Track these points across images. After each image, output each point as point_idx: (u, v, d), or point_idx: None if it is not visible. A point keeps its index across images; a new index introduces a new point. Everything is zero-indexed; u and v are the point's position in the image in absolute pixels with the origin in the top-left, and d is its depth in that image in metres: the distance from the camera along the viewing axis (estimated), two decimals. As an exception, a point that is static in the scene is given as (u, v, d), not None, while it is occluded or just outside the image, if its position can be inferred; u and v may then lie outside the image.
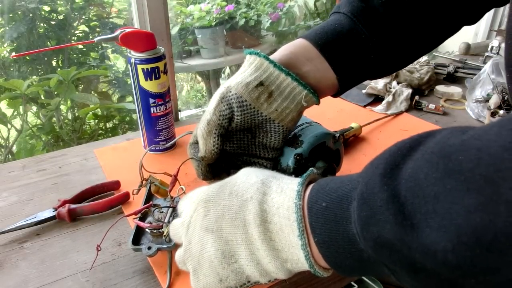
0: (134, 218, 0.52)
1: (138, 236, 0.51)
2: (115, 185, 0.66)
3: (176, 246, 0.45)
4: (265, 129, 0.49)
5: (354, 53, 0.48)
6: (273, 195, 0.36)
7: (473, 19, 0.53)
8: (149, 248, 0.48)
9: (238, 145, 0.50)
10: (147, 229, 0.50)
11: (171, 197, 0.54)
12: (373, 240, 0.29)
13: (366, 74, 0.51)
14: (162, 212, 0.52)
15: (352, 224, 0.31)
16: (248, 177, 0.38)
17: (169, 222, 0.50)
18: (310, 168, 0.38)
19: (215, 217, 0.37)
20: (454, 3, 0.49)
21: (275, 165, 0.54)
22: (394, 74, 1.01)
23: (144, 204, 0.54)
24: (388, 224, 0.27)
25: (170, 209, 0.52)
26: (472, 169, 0.24)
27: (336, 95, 0.52)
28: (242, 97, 0.45)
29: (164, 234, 0.49)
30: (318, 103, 0.49)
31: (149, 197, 0.56)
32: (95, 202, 0.60)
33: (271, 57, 0.47)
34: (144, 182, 0.56)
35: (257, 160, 0.51)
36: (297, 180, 0.36)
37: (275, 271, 0.36)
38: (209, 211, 0.38)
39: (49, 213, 0.59)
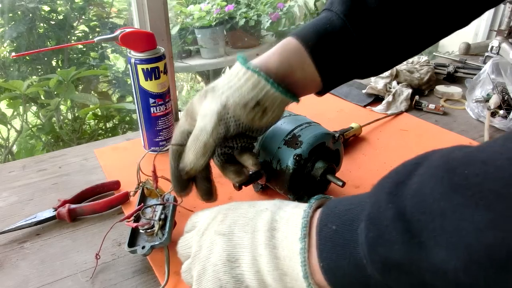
0: (128, 221, 0.52)
1: (134, 238, 0.51)
2: (115, 185, 0.66)
3: (172, 241, 0.45)
4: (253, 135, 0.49)
5: (343, 57, 0.47)
6: (288, 209, 0.37)
7: (465, 22, 0.52)
8: (143, 247, 0.48)
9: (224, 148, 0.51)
10: (140, 230, 0.51)
11: (161, 195, 0.54)
12: (381, 262, 0.28)
13: (351, 76, 0.51)
14: (154, 211, 0.53)
15: (359, 246, 0.29)
16: (269, 201, 0.40)
17: (159, 219, 0.51)
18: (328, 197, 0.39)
19: (229, 222, 0.39)
20: (449, 7, 0.48)
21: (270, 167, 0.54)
22: (394, 74, 1.01)
23: (138, 205, 0.54)
24: (396, 244, 0.26)
25: (161, 207, 0.52)
26: (479, 183, 0.23)
27: (317, 94, 0.51)
28: (240, 120, 0.44)
29: (155, 231, 0.50)
30: (298, 102, 0.49)
31: (142, 199, 0.57)
32: (95, 202, 0.60)
33: (267, 64, 0.45)
34: (140, 184, 0.56)
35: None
36: (303, 207, 0.37)
37: (273, 284, 0.35)
38: (226, 217, 0.39)
39: (49, 213, 0.59)
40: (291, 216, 0.36)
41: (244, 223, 0.38)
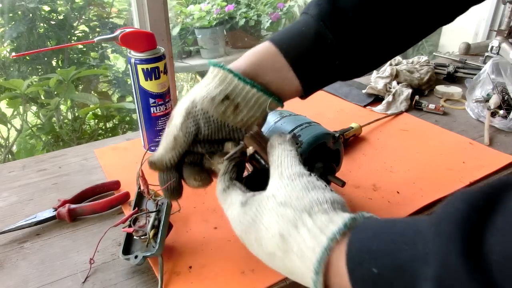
0: (123, 227, 0.52)
1: (129, 243, 0.51)
2: (115, 185, 0.66)
3: (163, 252, 0.45)
4: (233, 138, 0.48)
5: (320, 59, 0.46)
6: (295, 258, 0.33)
7: (448, 20, 0.51)
8: (136, 257, 0.48)
9: (206, 150, 0.49)
10: (134, 236, 0.51)
11: (154, 200, 0.53)
12: None
13: (332, 78, 0.50)
14: (148, 216, 0.52)
15: None
16: (270, 223, 0.36)
17: (152, 226, 0.50)
18: (340, 225, 0.32)
19: (253, 253, 0.38)
20: (429, 5, 0.47)
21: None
22: (394, 74, 1.01)
23: (133, 209, 0.54)
24: None
25: (154, 213, 0.52)
26: None
27: (301, 97, 0.50)
28: (208, 112, 0.44)
29: (148, 240, 0.50)
30: (282, 106, 0.48)
31: (138, 202, 0.56)
32: (95, 202, 0.60)
33: (236, 66, 0.46)
34: (138, 190, 0.56)
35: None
36: (319, 245, 0.32)
37: None
38: (245, 243, 0.39)
39: (49, 213, 0.59)
40: (304, 276, 0.33)
41: (266, 262, 0.37)
